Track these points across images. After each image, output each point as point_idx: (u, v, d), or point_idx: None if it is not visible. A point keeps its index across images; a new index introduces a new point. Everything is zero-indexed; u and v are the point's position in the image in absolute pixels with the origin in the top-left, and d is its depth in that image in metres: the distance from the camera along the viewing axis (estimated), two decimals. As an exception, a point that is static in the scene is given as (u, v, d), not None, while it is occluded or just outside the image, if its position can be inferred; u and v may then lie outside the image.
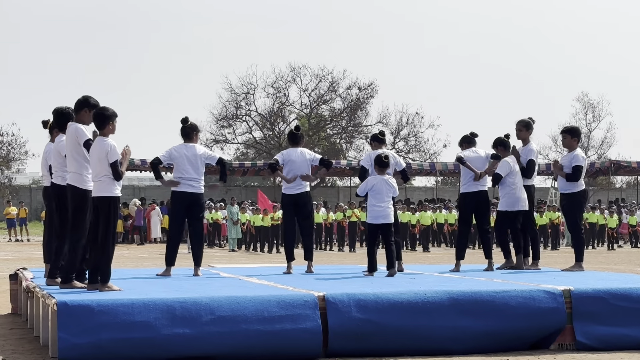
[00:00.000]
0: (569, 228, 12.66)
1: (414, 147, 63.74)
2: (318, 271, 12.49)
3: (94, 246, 9.30)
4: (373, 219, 11.61)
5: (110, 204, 9.25)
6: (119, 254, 28.55)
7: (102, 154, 9.28)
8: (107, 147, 9.27)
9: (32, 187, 58.68)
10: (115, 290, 9.01)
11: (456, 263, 12.58)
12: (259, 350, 8.07)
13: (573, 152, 12.28)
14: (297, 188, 12.13)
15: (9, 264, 21.47)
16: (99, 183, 9.30)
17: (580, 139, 12.62)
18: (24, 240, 39.80)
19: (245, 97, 62.86)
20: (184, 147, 11.45)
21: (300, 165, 12.10)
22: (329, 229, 34.49)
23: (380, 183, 11.54)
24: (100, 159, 9.27)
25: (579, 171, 12.13)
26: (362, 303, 8.36)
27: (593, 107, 67.46)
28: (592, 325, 8.80)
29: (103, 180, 9.28)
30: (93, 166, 9.38)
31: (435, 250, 33.07)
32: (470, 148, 12.61)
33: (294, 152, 12.18)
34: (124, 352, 7.78)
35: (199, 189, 11.41)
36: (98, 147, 9.32)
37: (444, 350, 8.48)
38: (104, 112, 9.41)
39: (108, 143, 9.30)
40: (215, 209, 36.04)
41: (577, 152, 12.27)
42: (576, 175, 12.13)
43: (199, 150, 11.52)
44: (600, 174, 46.24)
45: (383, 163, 11.60)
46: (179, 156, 11.37)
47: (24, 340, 9.51)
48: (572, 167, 12.17)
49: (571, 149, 12.34)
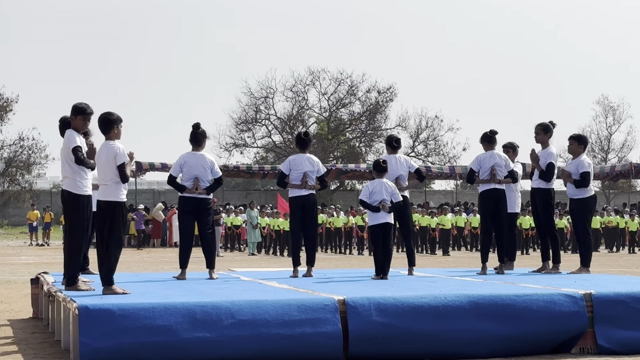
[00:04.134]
0: (576, 233, 12.67)
1: (433, 150, 63.65)
2: (338, 275, 12.49)
3: (100, 250, 9.36)
4: (373, 219, 11.66)
5: (116, 209, 9.33)
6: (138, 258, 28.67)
7: (109, 157, 9.34)
8: (115, 150, 9.35)
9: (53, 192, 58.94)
10: (120, 294, 9.04)
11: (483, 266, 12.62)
12: (279, 354, 8.06)
13: (579, 159, 12.36)
14: (305, 190, 12.12)
15: (30, 268, 21.58)
16: (106, 187, 9.37)
17: (586, 147, 12.72)
18: (45, 245, 39.98)
19: (264, 101, 62.96)
20: (192, 157, 11.62)
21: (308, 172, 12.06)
22: (348, 233, 34.47)
23: (379, 185, 11.61)
24: (108, 162, 9.34)
25: (587, 177, 12.24)
26: (382, 307, 8.35)
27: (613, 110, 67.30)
28: (613, 329, 8.76)
29: (109, 185, 9.34)
30: (100, 170, 9.47)
31: (455, 254, 32.98)
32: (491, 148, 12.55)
33: (299, 158, 12.13)
34: (145, 356, 7.79)
35: (205, 194, 11.61)
36: (105, 151, 9.39)
37: (465, 354, 8.46)
38: (108, 116, 9.49)
39: (115, 146, 9.39)
40: (235, 213, 36.09)
41: (582, 159, 12.35)
42: (585, 182, 12.25)
43: (208, 159, 11.70)
44: (620, 177, 45.99)
45: (380, 168, 11.74)
46: (187, 165, 11.58)
47: (46, 344, 9.55)
48: (580, 174, 12.24)
49: (576, 155, 12.44)
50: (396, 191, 11.75)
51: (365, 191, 11.73)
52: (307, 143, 12.29)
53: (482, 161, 12.44)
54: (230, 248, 35.79)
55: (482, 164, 12.44)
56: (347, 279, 11.56)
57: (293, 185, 12.07)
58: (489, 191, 12.47)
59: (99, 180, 9.61)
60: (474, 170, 12.56)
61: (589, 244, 12.43)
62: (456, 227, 35.34)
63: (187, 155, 11.64)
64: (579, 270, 12.32)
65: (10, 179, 58.14)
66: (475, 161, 12.56)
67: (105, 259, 9.25)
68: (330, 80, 63.05)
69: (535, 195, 12.59)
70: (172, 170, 11.74)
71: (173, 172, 11.72)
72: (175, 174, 11.69)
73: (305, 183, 12.00)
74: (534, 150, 12.55)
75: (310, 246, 12.23)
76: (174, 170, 11.70)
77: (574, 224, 12.66)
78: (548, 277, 11.65)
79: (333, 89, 63.15)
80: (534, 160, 12.42)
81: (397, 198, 11.70)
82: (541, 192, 12.52)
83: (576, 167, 12.32)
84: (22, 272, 20.47)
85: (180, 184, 11.64)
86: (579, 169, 12.28)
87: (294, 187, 12.07)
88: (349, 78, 62.88)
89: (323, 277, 11.92)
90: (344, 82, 62.97)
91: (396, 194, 11.71)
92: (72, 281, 9.57)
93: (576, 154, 12.44)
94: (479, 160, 12.48)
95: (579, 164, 12.30)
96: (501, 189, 12.50)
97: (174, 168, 11.72)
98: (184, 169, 11.60)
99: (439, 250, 34.07)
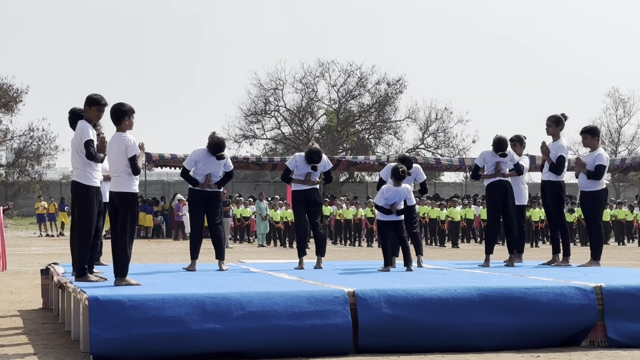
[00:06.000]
0: (588, 226, 12.67)
1: (442, 142, 63.57)
2: (348, 267, 12.51)
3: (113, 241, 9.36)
4: (383, 216, 11.67)
5: (129, 200, 9.30)
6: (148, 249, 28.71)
7: (121, 148, 9.30)
8: (126, 142, 9.31)
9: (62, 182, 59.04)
10: (133, 285, 9.04)
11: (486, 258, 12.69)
12: (289, 345, 8.07)
13: (597, 152, 12.30)
14: (308, 184, 12.23)
15: (40, 259, 21.63)
16: (118, 179, 9.35)
17: (600, 137, 12.65)
18: (54, 235, 40.04)
19: (274, 92, 62.92)
20: (207, 154, 11.65)
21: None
22: (357, 225, 34.44)
23: (394, 194, 11.57)
24: (120, 154, 9.30)
25: (602, 171, 12.21)
26: (392, 299, 8.35)
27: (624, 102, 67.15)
28: (623, 322, 8.75)
29: (122, 176, 9.32)
30: (112, 162, 9.43)
31: (465, 246, 32.96)
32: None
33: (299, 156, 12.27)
34: (155, 347, 7.80)
35: (216, 187, 11.73)
36: (116, 143, 9.35)
37: (475, 347, 8.44)
38: (120, 107, 9.42)
39: (127, 138, 9.34)
40: (244, 205, 36.10)
41: (600, 152, 12.29)
42: (599, 174, 12.21)
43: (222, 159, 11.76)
44: (631, 169, 45.86)
45: (399, 176, 11.68)
46: (202, 162, 11.65)
47: (56, 335, 9.57)
48: (595, 166, 12.19)
49: (593, 149, 12.38)
50: (411, 195, 11.86)
51: (379, 196, 11.71)
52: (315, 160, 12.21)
53: (487, 157, 12.52)
54: (240, 239, 35.81)
55: (487, 160, 12.52)
56: (357, 271, 11.56)
57: (296, 180, 12.21)
58: (495, 183, 12.53)
59: (110, 171, 9.61)
60: (478, 166, 12.63)
61: (600, 236, 12.42)
62: (465, 219, 35.30)
63: (203, 152, 11.66)
64: (589, 263, 12.30)
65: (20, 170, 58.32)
66: (480, 157, 12.64)
67: (118, 250, 9.23)
68: (340, 72, 63.03)
69: (546, 188, 12.57)
70: (186, 164, 11.78)
71: (187, 166, 11.76)
72: (189, 167, 11.75)
73: (308, 180, 12.15)
74: (545, 142, 12.52)
75: (317, 236, 12.29)
76: (188, 164, 11.75)
77: (585, 216, 12.64)
78: (558, 269, 11.63)
79: (342, 81, 63.12)
80: (544, 152, 12.39)
81: (412, 202, 11.79)
82: (551, 184, 12.50)
83: (593, 159, 12.26)
84: (32, 263, 20.53)
85: (193, 177, 11.70)
86: (596, 161, 12.22)
87: (297, 182, 12.21)
88: (359, 70, 62.87)
89: (332, 269, 11.94)
90: (354, 74, 62.94)
91: (410, 198, 11.82)
92: (82, 272, 9.58)
93: (593, 147, 12.37)
94: (483, 157, 12.57)
95: (596, 157, 12.24)
96: (507, 180, 12.54)
97: (188, 162, 11.75)
98: (199, 164, 11.66)
99: (448, 242, 34.05)
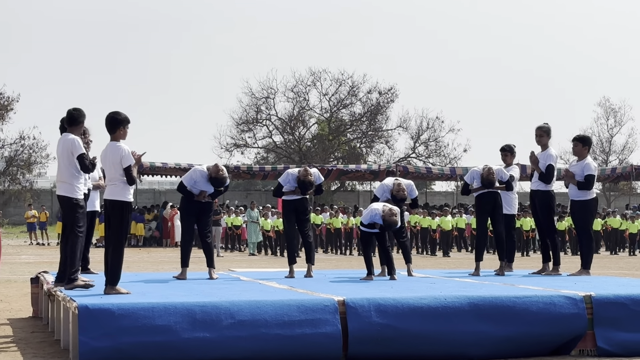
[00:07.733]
0: (578, 235, 12.71)
1: (434, 151, 63.56)
2: (338, 275, 12.54)
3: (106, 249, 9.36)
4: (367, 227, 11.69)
5: (122, 209, 9.31)
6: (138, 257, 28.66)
7: (115, 158, 9.30)
8: (121, 152, 9.30)
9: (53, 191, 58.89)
10: (123, 294, 9.03)
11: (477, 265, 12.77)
12: (279, 354, 8.07)
13: (584, 161, 12.33)
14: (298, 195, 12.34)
15: (30, 267, 21.57)
16: (113, 187, 9.35)
17: (590, 148, 12.70)
18: (45, 244, 39.96)
19: (265, 101, 62.84)
20: (206, 179, 11.80)
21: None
22: (348, 234, 34.43)
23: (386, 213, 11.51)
24: (114, 163, 9.30)
25: (592, 180, 12.24)
26: (382, 308, 8.35)
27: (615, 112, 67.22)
28: (613, 331, 8.77)
29: (117, 185, 9.32)
30: (107, 171, 9.44)
31: (456, 255, 32.97)
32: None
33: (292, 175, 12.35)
34: (144, 355, 7.79)
35: (210, 199, 11.88)
36: (111, 152, 9.35)
37: (464, 356, 8.46)
38: (116, 116, 9.41)
39: (122, 148, 9.33)
40: (235, 214, 36.07)
41: (588, 161, 12.33)
42: (589, 184, 12.25)
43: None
44: (621, 179, 45.93)
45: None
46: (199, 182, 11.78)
47: (45, 343, 9.55)
48: (584, 176, 12.21)
49: (581, 157, 12.41)
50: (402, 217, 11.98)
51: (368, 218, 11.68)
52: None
53: (476, 176, 12.65)
54: (231, 248, 35.77)
55: (475, 178, 12.64)
56: (347, 280, 11.56)
57: (286, 192, 12.33)
58: (484, 194, 12.60)
59: (106, 180, 9.60)
60: (467, 182, 12.71)
61: (590, 246, 12.44)
62: (457, 228, 35.32)
63: (203, 175, 11.76)
64: (579, 272, 12.33)
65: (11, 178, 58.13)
66: (469, 175, 12.77)
67: (111, 258, 9.23)
68: (331, 81, 62.98)
69: (535, 197, 12.61)
70: (186, 181, 11.82)
71: (186, 183, 11.81)
72: (187, 184, 11.81)
73: (298, 191, 12.27)
74: (534, 152, 12.56)
75: (307, 245, 12.36)
76: (187, 182, 11.81)
77: (576, 225, 12.68)
78: (548, 278, 11.65)
79: (334, 90, 63.08)
80: (533, 162, 12.43)
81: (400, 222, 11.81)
82: (540, 193, 12.53)
83: (582, 169, 12.28)
84: (22, 271, 20.46)
85: (189, 191, 11.80)
86: (584, 171, 12.24)
87: (287, 193, 12.34)
88: (350, 79, 62.83)
89: (323, 278, 11.94)
90: (345, 83, 62.92)
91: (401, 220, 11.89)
92: (72, 281, 9.58)
93: (581, 156, 12.41)
94: (472, 175, 12.67)
95: (584, 167, 12.27)
96: (496, 191, 12.59)
97: (187, 180, 11.81)
98: (197, 184, 11.77)
99: (439, 251, 34.06)
